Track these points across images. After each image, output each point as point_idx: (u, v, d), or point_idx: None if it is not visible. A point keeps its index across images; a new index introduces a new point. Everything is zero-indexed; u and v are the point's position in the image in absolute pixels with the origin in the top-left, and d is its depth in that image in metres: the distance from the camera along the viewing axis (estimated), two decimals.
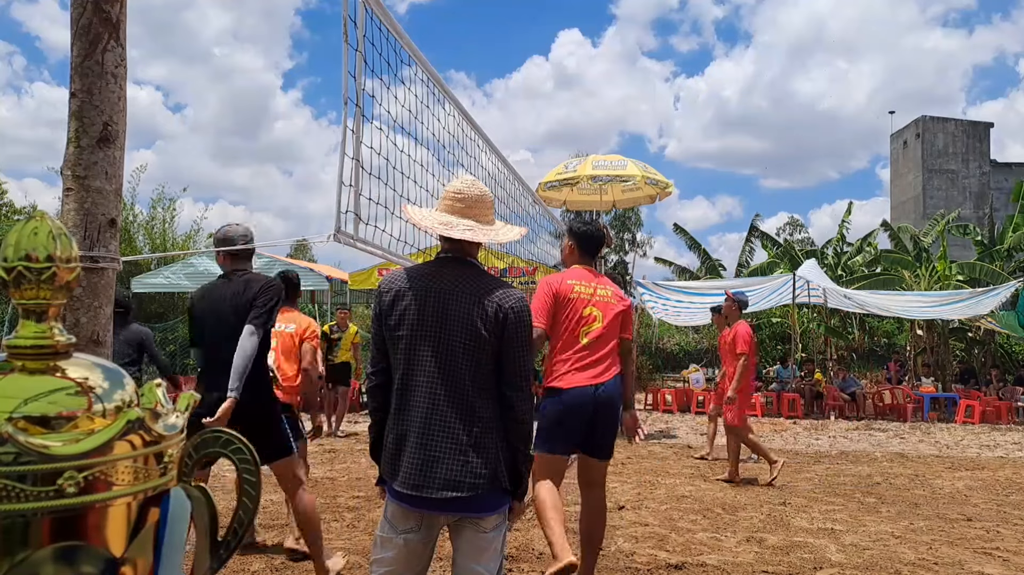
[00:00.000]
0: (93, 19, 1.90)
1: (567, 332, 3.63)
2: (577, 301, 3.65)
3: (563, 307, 3.65)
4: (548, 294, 3.67)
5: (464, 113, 4.96)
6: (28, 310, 0.81)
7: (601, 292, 3.71)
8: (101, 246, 1.92)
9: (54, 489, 0.70)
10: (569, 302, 3.64)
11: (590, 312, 3.64)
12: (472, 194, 2.22)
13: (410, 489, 2.02)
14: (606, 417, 3.58)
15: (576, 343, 3.61)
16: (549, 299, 3.65)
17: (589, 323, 3.64)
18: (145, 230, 23.38)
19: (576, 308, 3.64)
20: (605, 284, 3.79)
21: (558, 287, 3.67)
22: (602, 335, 3.63)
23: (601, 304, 3.67)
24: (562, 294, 3.65)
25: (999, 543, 4.73)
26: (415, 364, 2.08)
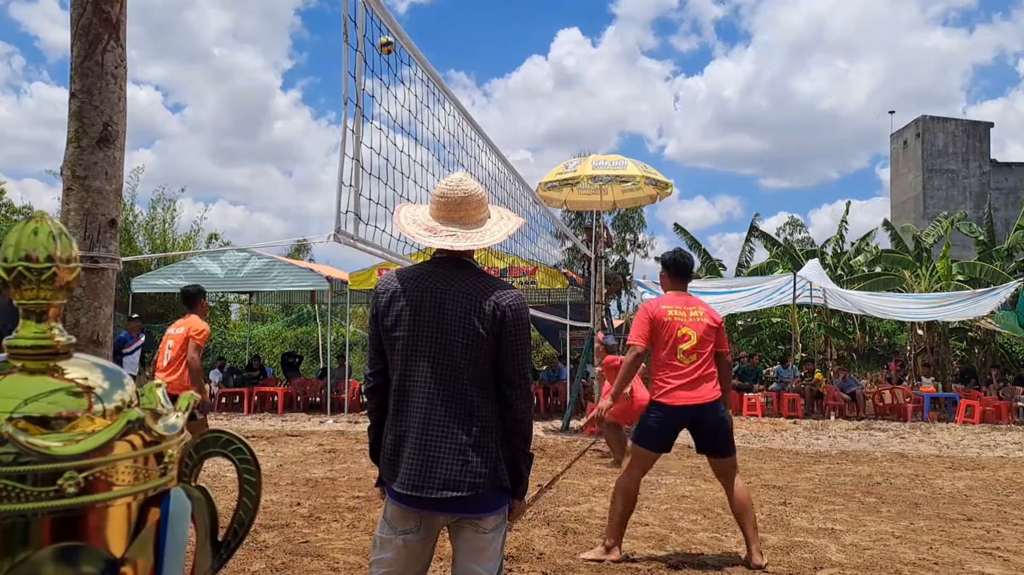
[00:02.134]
0: (93, 19, 1.90)
1: (666, 351, 4.16)
2: (672, 323, 4.18)
3: (660, 329, 4.19)
4: (646, 318, 4.26)
5: (464, 113, 4.96)
6: (28, 310, 0.81)
7: (693, 314, 4.23)
8: (101, 246, 1.92)
9: (54, 489, 0.70)
10: (664, 325, 4.18)
11: (684, 332, 4.16)
12: (455, 196, 2.15)
13: (409, 490, 2.02)
14: (711, 424, 4.14)
15: (675, 360, 4.14)
16: (647, 322, 4.23)
17: (684, 342, 4.15)
18: (145, 230, 23.40)
19: (671, 330, 4.17)
20: (696, 306, 4.30)
21: (654, 312, 4.23)
22: (697, 351, 4.15)
23: (694, 324, 4.19)
24: (658, 318, 4.20)
25: (999, 543, 4.73)
26: (413, 365, 2.07)
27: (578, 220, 25.97)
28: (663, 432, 4.17)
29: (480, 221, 2.20)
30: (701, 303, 4.36)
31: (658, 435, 4.18)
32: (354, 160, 3.38)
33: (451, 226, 2.16)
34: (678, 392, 4.09)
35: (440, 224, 2.17)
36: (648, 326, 4.21)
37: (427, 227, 2.18)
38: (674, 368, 4.13)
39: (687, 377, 4.11)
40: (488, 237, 2.17)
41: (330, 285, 14.17)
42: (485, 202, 2.23)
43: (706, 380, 4.14)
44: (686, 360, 4.13)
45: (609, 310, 12.17)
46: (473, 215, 2.18)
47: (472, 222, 2.18)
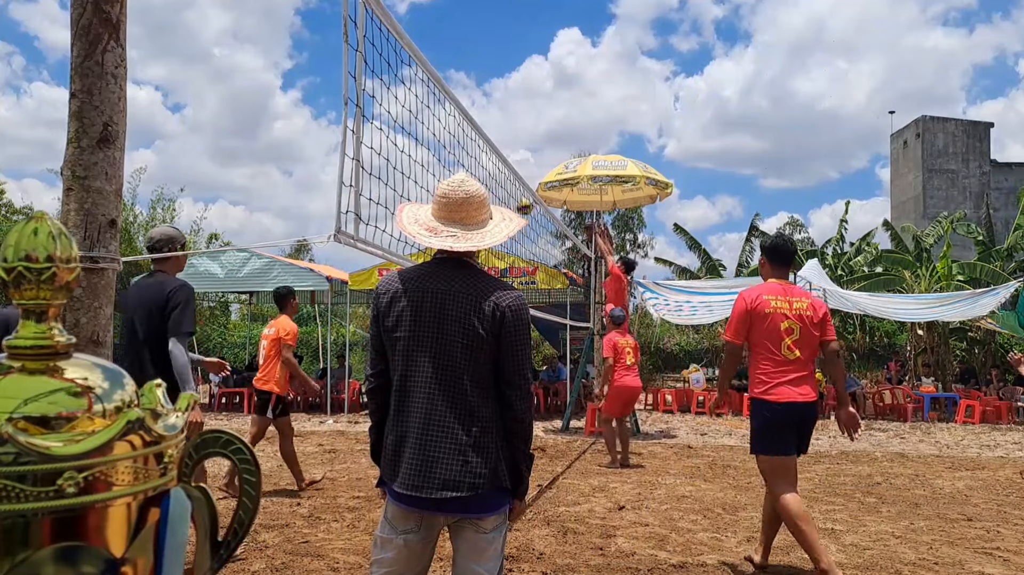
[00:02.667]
0: (93, 19, 1.90)
1: (768, 345, 3.87)
2: (774, 315, 3.88)
3: (760, 321, 3.89)
4: (743, 310, 3.94)
5: (464, 113, 4.96)
6: (28, 310, 0.81)
7: (797, 306, 3.92)
8: (101, 246, 1.92)
9: (54, 489, 0.70)
10: (766, 317, 3.88)
11: (788, 326, 3.87)
12: (457, 197, 2.16)
13: (409, 490, 2.02)
14: (809, 424, 3.92)
15: (779, 356, 3.85)
16: (744, 314, 3.93)
17: (788, 336, 3.87)
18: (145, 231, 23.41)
19: (774, 322, 3.87)
20: (800, 297, 3.99)
21: (753, 303, 3.91)
22: (801, 346, 3.87)
23: (797, 316, 3.89)
24: (758, 309, 3.90)
25: (999, 543, 4.73)
26: (413, 365, 2.07)
27: (578, 220, 25.98)
28: (778, 432, 3.84)
29: (481, 222, 2.20)
30: (805, 293, 4.06)
31: (774, 436, 3.84)
32: (354, 160, 3.38)
33: (452, 227, 2.16)
34: (783, 389, 3.81)
35: (441, 224, 2.17)
36: (746, 319, 3.91)
37: (428, 227, 2.18)
38: (777, 363, 3.85)
39: (791, 373, 3.83)
40: (488, 238, 2.17)
41: (330, 285, 14.17)
42: (487, 203, 2.23)
43: (809, 378, 3.88)
44: (790, 355, 3.84)
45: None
46: (474, 216, 2.18)
47: (473, 223, 2.18)
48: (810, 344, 3.89)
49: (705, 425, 12.32)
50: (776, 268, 4.10)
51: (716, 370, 22.44)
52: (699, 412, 14.65)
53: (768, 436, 3.86)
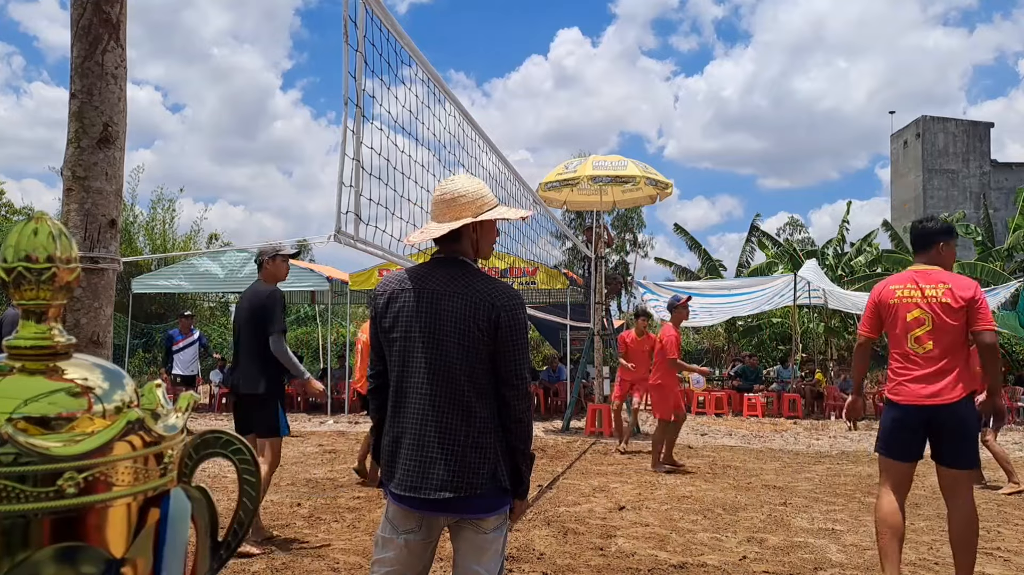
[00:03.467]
0: (93, 20, 1.90)
1: (897, 339, 3.59)
2: (899, 306, 3.57)
3: (887, 314, 3.62)
4: (871, 302, 3.71)
5: (464, 113, 4.95)
6: (28, 311, 0.81)
7: (930, 292, 3.53)
8: (101, 247, 1.92)
9: (54, 490, 0.70)
10: (891, 308, 3.60)
11: (917, 315, 3.53)
12: (435, 197, 2.21)
13: (406, 490, 2.02)
14: (948, 428, 3.45)
15: (906, 350, 3.54)
16: (871, 307, 3.70)
17: (917, 327, 3.52)
18: (145, 231, 23.42)
19: (899, 313, 3.57)
20: (936, 283, 3.55)
21: (879, 294, 3.67)
22: (934, 338, 3.48)
23: (930, 305, 3.51)
24: (883, 300, 3.63)
25: (1000, 543, 4.73)
26: (410, 366, 2.08)
27: (578, 220, 25.99)
28: (900, 436, 3.53)
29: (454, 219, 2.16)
30: (945, 277, 3.56)
31: (896, 439, 3.55)
32: (354, 160, 3.38)
33: (429, 223, 2.20)
34: (909, 387, 3.48)
35: (432, 224, 2.21)
36: (873, 312, 3.68)
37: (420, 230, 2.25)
38: (905, 358, 3.53)
39: (920, 369, 3.47)
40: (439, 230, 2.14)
41: (330, 285, 14.16)
42: (464, 202, 2.16)
43: (946, 374, 3.43)
44: (919, 349, 3.49)
45: (609, 310, 12.17)
46: (446, 213, 2.16)
47: (444, 220, 2.16)
48: (948, 336, 3.46)
49: (705, 425, 12.31)
50: (918, 252, 3.72)
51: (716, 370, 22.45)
52: (699, 412, 14.65)
53: (888, 438, 3.58)
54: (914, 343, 3.52)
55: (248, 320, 4.40)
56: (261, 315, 4.35)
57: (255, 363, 4.36)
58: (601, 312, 11.27)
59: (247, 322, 4.41)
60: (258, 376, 4.35)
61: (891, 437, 3.56)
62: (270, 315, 4.34)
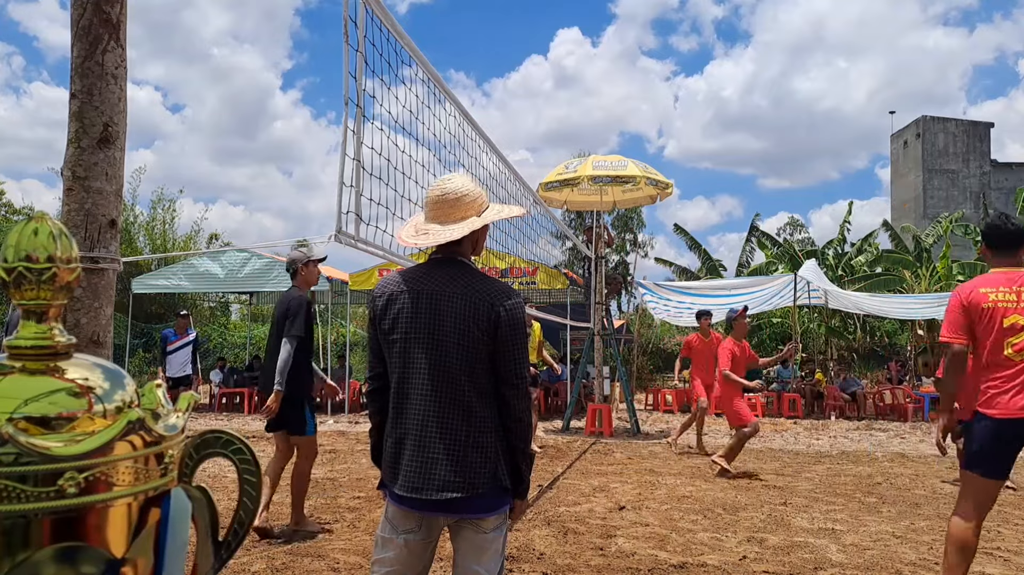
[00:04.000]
0: (93, 20, 1.90)
1: (990, 346, 3.31)
2: (995, 310, 3.32)
3: (979, 318, 3.34)
4: (958, 306, 3.39)
5: (464, 113, 4.95)
6: (29, 311, 0.81)
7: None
8: (102, 247, 1.92)
9: (55, 490, 0.70)
10: (984, 312, 3.33)
11: (1014, 321, 3.30)
12: (432, 196, 2.18)
13: (409, 491, 2.02)
14: None
15: (1003, 359, 3.29)
16: (959, 310, 3.39)
17: (1014, 334, 3.29)
18: (145, 231, 23.42)
19: (994, 318, 3.31)
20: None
21: (968, 297, 3.37)
22: None
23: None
24: (974, 304, 3.34)
25: (1000, 543, 4.73)
26: (410, 367, 2.07)
27: (578, 220, 25.98)
28: (991, 451, 3.29)
29: (459, 219, 2.16)
30: None
31: (986, 456, 3.29)
32: (355, 160, 3.38)
33: (430, 225, 2.17)
34: (1004, 399, 3.25)
35: (424, 224, 2.19)
36: (962, 316, 3.35)
37: (416, 229, 2.20)
38: (1000, 367, 3.28)
39: (1017, 378, 3.25)
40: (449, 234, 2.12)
41: (330, 285, 14.16)
42: (467, 201, 2.16)
43: None
44: (1017, 357, 3.26)
45: (609, 310, 12.17)
46: (450, 214, 2.15)
47: (449, 220, 2.15)
48: None
49: (705, 425, 12.30)
50: (1000, 254, 3.46)
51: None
52: None
53: (978, 454, 3.31)
54: (1012, 351, 3.29)
55: (277, 323, 4.70)
56: (285, 318, 4.62)
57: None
58: (601, 312, 11.27)
59: (276, 325, 4.71)
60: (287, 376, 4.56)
61: (987, 453, 3.30)
62: (292, 319, 4.60)
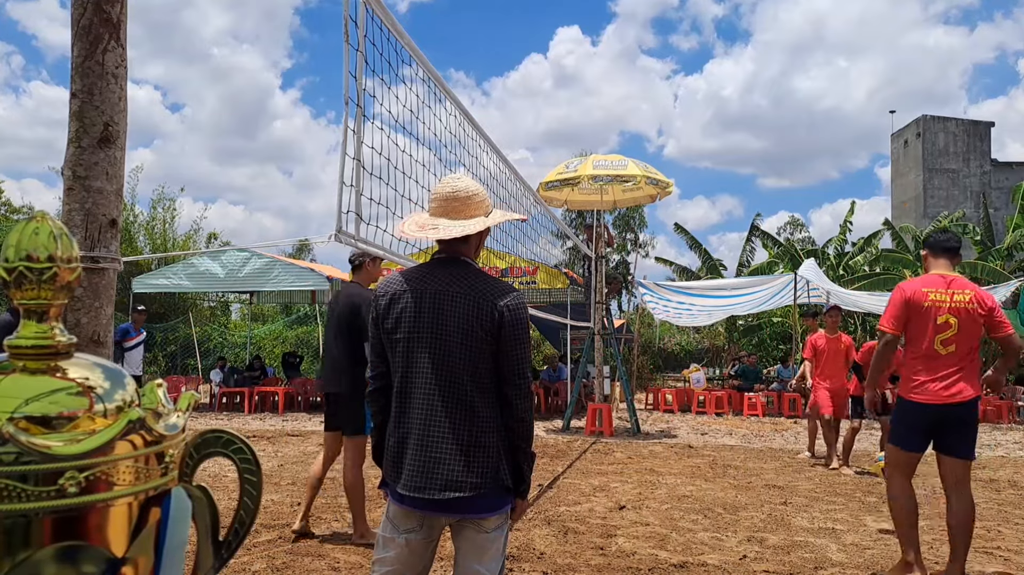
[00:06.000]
0: (94, 19, 1.90)
1: (921, 340, 3.75)
2: (932, 308, 3.74)
3: (915, 314, 3.77)
4: (900, 301, 3.82)
5: (464, 112, 4.95)
6: (29, 310, 0.81)
7: (959, 298, 3.76)
8: (102, 246, 1.92)
9: (55, 489, 0.70)
10: (922, 309, 3.75)
11: (945, 320, 3.73)
12: (443, 193, 2.18)
13: (412, 491, 2.02)
14: (958, 424, 3.71)
15: (932, 352, 3.73)
16: (901, 305, 3.81)
17: (944, 331, 3.72)
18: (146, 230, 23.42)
19: (930, 315, 3.74)
20: (963, 288, 3.81)
21: (911, 295, 3.80)
22: (958, 342, 3.72)
23: (957, 310, 3.74)
24: (915, 301, 3.77)
25: (1000, 543, 4.73)
26: (413, 366, 2.08)
27: (579, 220, 25.98)
28: (912, 430, 3.79)
29: (468, 217, 2.18)
30: (969, 285, 3.85)
31: (908, 433, 3.81)
32: (355, 160, 3.38)
33: (437, 220, 2.18)
34: (930, 387, 3.71)
35: (430, 220, 2.19)
36: (903, 311, 3.80)
37: (419, 224, 2.20)
38: (928, 359, 3.73)
39: (943, 370, 3.70)
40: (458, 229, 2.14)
41: (331, 285, 14.15)
42: (477, 201, 2.20)
43: (965, 376, 3.70)
44: (943, 350, 3.70)
45: (609, 310, 12.17)
46: (460, 210, 2.17)
47: (459, 217, 2.17)
48: (969, 340, 3.73)
49: (705, 425, 12.31)
50: (938, 259, 3.96)
51: (717, 370, 22.47)
52: (699, 412, 14.65)
53: (903, 432, 3.84)
54: (940, 345, 3.71)
55: (341, 319, 4.44)
56: (355, 314, 4.36)
57: (341, 362, 4.42)
58: (601, 312, 11.27)
59: (339, 321, 4.45)
60: (343, 375, 4.40)
61: (912, 432, 3.79)
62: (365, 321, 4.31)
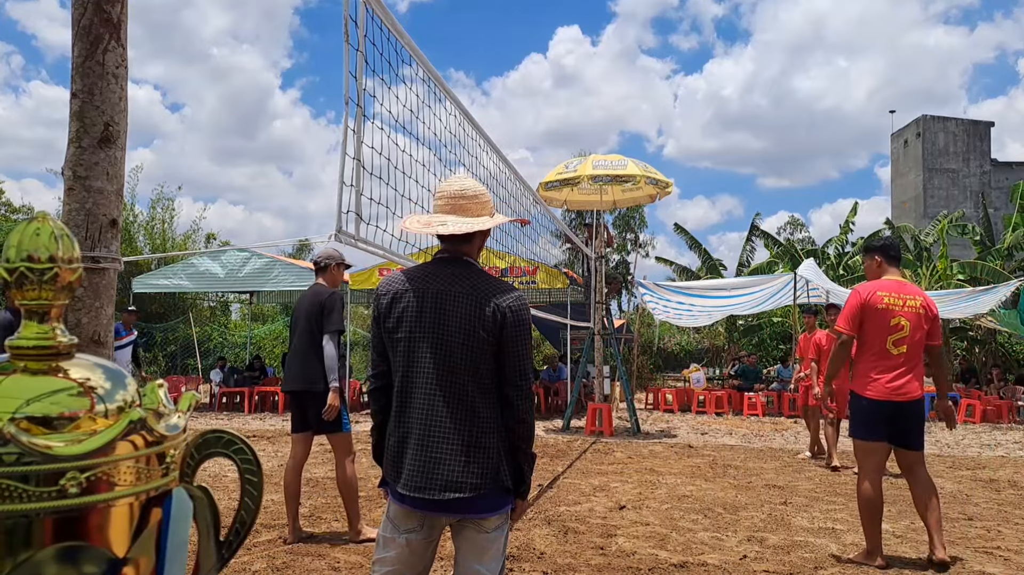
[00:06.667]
0: (94, 19, 1.90)
1: (875, 340, 3.99)
2: (885, 311, 3.97)
3: (871, 316, 3.99)
4: (857, 303, 4.04)
5: (464, 112, 4.95)
6: (30, 311, 0.81)
7: (911, 303, 4.01)
8: (103, 246, 1.92)
9: (56, 489, 0.70)
10: (877, 312, 3.98)
11: (897, 322, 3.97)
12: (450, 190, 2.20)
13: (412, 491, 2.02)
14: (910, 420, 4.04)
15: (884, 352, 3.97)
16: (857, 307, 4.04)
17: (896, 332, 3.96)
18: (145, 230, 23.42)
19: (884, 318, 3.97)
20: (914, 294, 4.07)
21: (867, 297, 4.02)
22: (908, 344, 3.96)
23: (908, 314, 3.99)
24: (871, 304, 4.00)
25: (1000, 542, 4.73)
26: (415, 366, 2.07)
27: (579, 220, 25.98)
28: (870, 422, 4.06)
29: (475, 216, 2.19)
30: (919, 291, 4.14)
31: (866, 424, 4.08)
32: (355, 160, 3.38)
33: (444, 217, 2.18)
34: (883, 384, 3.97)
35: (436, 217, 2.20)
36: (859, 312, 4.02)
37: (424, 221, 2.21)
38: (882, 358, 3.98)
39: (894, 370, 3.96)
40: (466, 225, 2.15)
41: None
42: (483, 200, 2.23)
43: (914, 374, 3.98)
44: (895, 351, 3.96)
45: (609, 310, 12.16)
46: (467, 209, 2.19)
47: (466, 215, 2.18)
48: (917, 342, 3.97)
49: (705, 424, 12.31)
50: (889, 266, 4.20)
51: (717, 370, 22.46)
52: (699, 412, 14.65)
53: (862, 425, 4.09)
54: (892, 346, 3.96)
55: (308, 318, 4.52)
56: (321, 313, 4.48)
57: (312, 360, 4.44)
58: (601, 311, 11.26)
59: (307, 320, 4.52)
60: (318, 373, 4.43)
61: (870, 423, 4.06)
62: (328, 314, 4.49)
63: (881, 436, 4.08)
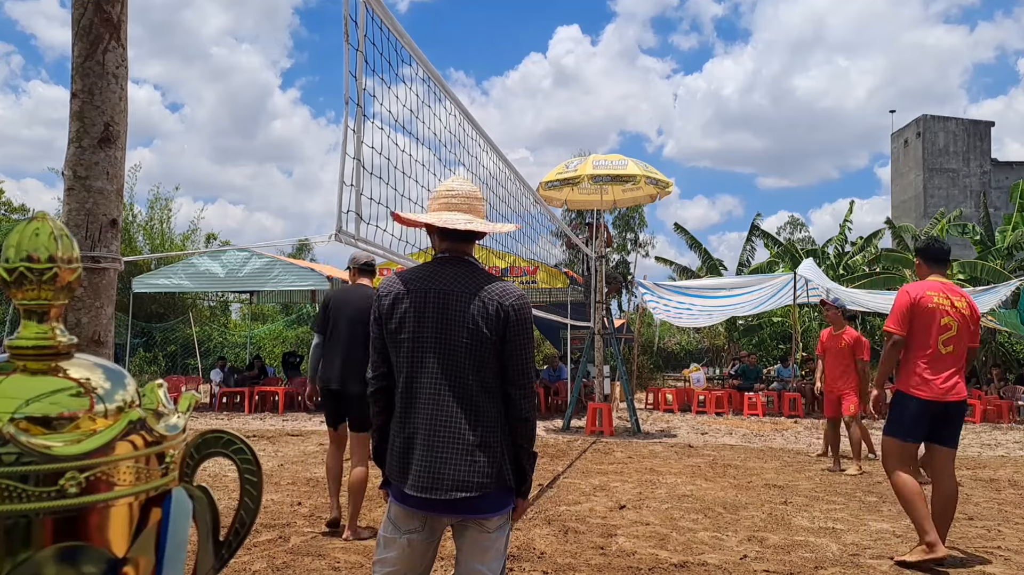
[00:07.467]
0: (94, 19, 1.90)
1: (925, 339, 4.05)
2: (936, 311, 4.06)
3: (920, 316, 4.06)
4: (906, 303, 4.10)
5: (464, 111, 4.95)
6: (30, 311, 0.81)
7: (958, 304, 4.10)
8: (102, 246, 1.92)
9: (56, 489, 0.70)
10: (927, 311, 4.06)
11: (947, 322, 4.05)
12: (466, 190, 2.23)
13: (420, 491, 2.01)
14: (953, 418, 4.10)
15: (935, 351, 4.03)
16: (907, 307, 4.10)
17: (945, 332, 4.04)
18: (145, 230, 23.43)
19: (934, 318, 4.05)
20: (959, 296, 4.16)
21: (917, 298, 4.09)
22: (955, 344, 4.05)
23: (956, 314, 4.08)
24: (921, 304, 4.07)
25: (1000, 542, 4.73)
26: (418, 366, 2.07)
27: (579, 219, 25.98)
28: (916, 424, 4.06)
29: (482, 216, 2.26)
30: (964, 293, 4.22)
31: (912, 426, 4.08)
32: (355, 159, 3.38)
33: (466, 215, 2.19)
34: (934, 384, 4.00)
35: (460, 216, 2.17)
36: (908, 313, 4.08)
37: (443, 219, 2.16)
38: (933, 358, 4.02)
39: (945, 370, 4.01)
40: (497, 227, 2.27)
41: (331, 285, 14.16)
42: (482, 203, 2.31)
43: (959, 374, 4.05)
44: (945, 351, 4.02)
45: (609, 309, 12.16)
46: (479, 210, 2.24)
47: (478, 215, 2.22)
48: (964, 342, 4.05)
49: (705, 424, 12.32)
50: (936, 267, 4.27)
51: (717, 370, 22.47)
52: (699, 411, 14.65)
53: (904, 425, 4.08)
54: (942, 346, 4.01)
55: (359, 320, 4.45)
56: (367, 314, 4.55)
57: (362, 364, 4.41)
58: (601, 311, 11.27)
59: (356, 322, 4.49)
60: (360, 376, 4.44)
61: (914, 425, 4.05)
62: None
63: (920, 438, 4.11)
